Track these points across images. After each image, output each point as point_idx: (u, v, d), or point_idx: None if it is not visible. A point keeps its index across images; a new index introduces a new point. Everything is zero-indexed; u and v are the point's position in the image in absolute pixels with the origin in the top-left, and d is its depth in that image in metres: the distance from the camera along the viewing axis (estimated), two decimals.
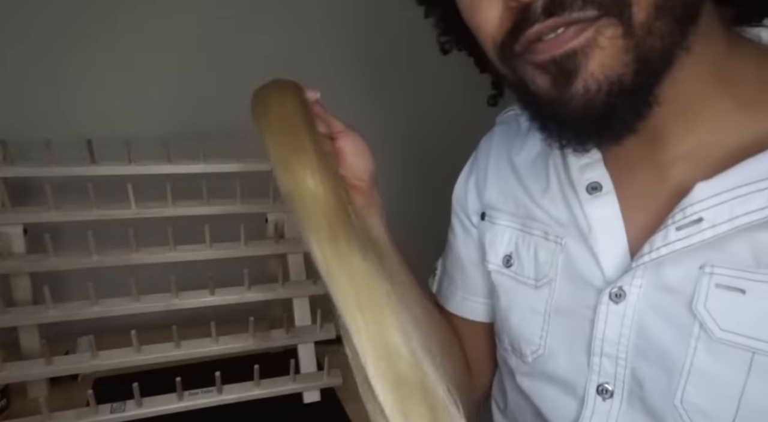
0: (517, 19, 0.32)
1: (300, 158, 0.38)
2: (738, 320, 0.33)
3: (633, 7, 0.30)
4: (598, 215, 0.40)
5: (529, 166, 0.48)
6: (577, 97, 0.32)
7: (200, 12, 0.85)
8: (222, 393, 0.70)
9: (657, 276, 0.36)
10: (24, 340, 0.72)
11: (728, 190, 0.33)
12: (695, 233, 0.34)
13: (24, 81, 0.80)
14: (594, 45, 0.31)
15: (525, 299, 0.46)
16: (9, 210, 0.70)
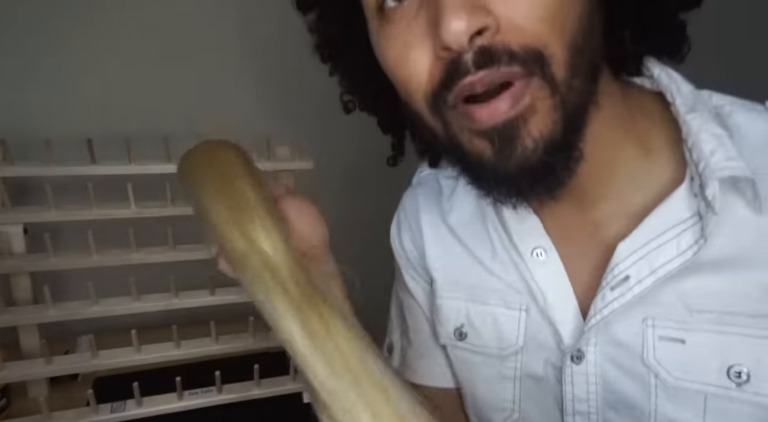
0: (449, 70, 0.33)
1: (251, 217, 0.33)
2: (685, 368, 0.36)
3: (552, 66, 0.32)
4: (548, 283, 0.41)
5: (467, 228, 0.47)
6: (515, 157, 0.33)
7: (200, 12, 0.85)
8: (222, 393, 0.70)
9: (608, 334, 0.39)
10: (24, 340, 0.72)
11: (643, 245, 0.36)
12: (626, 291, 0.37)
13: (24, 81, 0.80)
14: (532, 111, 0.32)
15: (490, 368, 0.46)
16: (9, 209, 0.70)
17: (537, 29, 0.31)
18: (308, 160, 0.81)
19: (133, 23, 0.83)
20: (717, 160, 0.34)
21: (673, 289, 0.36)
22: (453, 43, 0.31)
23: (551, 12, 0.31)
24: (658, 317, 0.37)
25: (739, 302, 0.35)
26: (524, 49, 0.31)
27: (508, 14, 0.31)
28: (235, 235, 0.33)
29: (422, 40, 0.33)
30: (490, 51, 0.31)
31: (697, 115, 0.36)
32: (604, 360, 0.39)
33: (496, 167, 0.34)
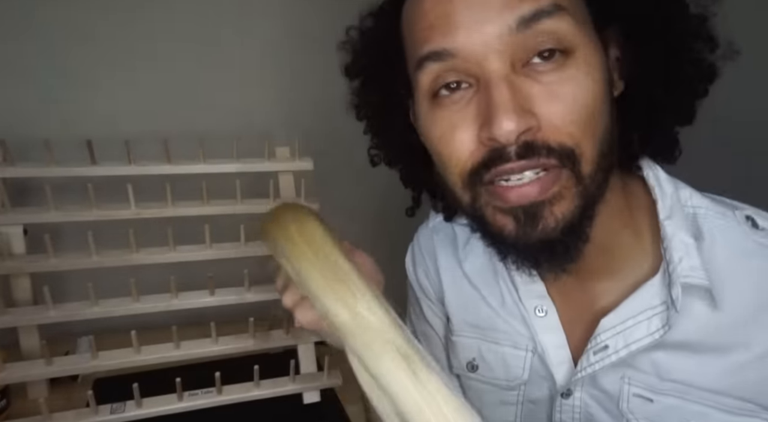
0: (492, 155, 0.38)
1: (348, 287, 0.39)
2: (649, 418, 0.45)
3: (582, 162, 0.38)
4: (546, 336, 0.49)
5: (480, 276, 0.54)
6: (536, 233, 0.39)
7: (200, 12, 0.85)
8: (222, 394, 0.70)
9: (592, 382, 0.47)
10: (24, 341, 0.72)
11: (621, 322, 0.44)
12: (605, 357, 0.45)
13: (24, 81, 0.80)
14: (559, 197, 0.39)
15: (497, 396, 0.53)
16: (9, 210, 0.70)
17: (572, 131, 0.38)
18: (308, 160, 0.81)
19: (128, 27, 0.83)
20: (683, 268, 0.42)
21: (648, 359, 0.45)
22: (502, 138, 0.37)
23: (585, 119, 0.38)
24: (633, 378, 0.45)
25: (697, 378, 0.43)
26: (560, 146, 0.38)
27: (550, 117, 0.37)
28: (338, 307, 0.39)
29: (468, 126, 0.39)
30: (532, 145, 0.37)
31: (672, 222, 0.44)
32: (588, 398, 0.48)
33: (517, 240, 0.40)
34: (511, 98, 0.37)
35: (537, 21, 0.37)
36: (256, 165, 0.79)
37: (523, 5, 0.37)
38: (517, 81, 0.38)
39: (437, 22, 0.39)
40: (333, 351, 0.81)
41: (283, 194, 0.82)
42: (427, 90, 0.41)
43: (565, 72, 0.38)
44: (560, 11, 0.37)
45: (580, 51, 0.38)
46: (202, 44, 0.87)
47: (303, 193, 0.79)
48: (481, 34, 0.37)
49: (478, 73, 0.38)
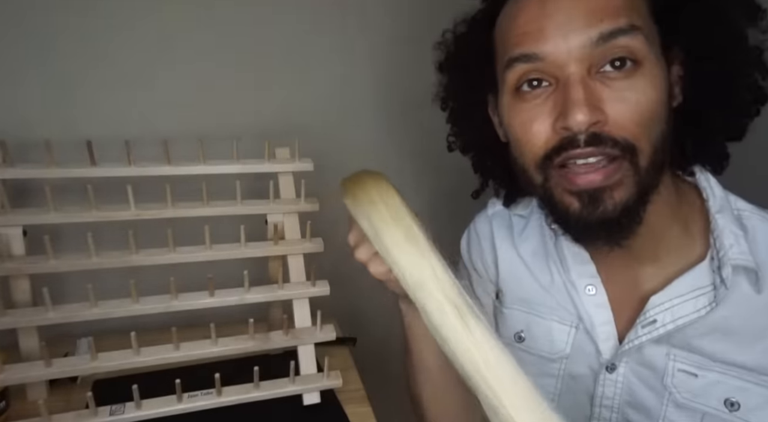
0: (563, 142, 0.46)
1: (418, 247, 0.47)
2: (693, 392, 0.50)
3: (640, 156, 0.45)
4: (595, 312, 0.55)
5: (533, 259, 0.62)
6: (597, 213, 0.46)
7: (200, 12, 0.85)
8: (221, 395, 0.70)
9: (638, 356, 0.53)
10: (23, 342, 0.71)
11: (669, 300, 0.50)
12: (653, 330, 0.51)
13: (23, 82, 0.80)
14: (619, 183, 0.46)
15: (539, 367, 0.59)
16: (8, 211, 0.70)
17: (633, 129, 0.45)
18: (308, 160, 0.81)
19: (128, 28, 0.83)
20: (733, 252, 0.48)
21: (692, 338, 0.50)
22: (575, 127, 0.44)
23: (645, 121, 0.45)
24: (678, 355, 0.51)
25: (739, 356, 0.49)
26: (624, 140, 0.45)
27: (616, 115, 0.44)
28: (408, 263, 0.47)
29: (546, 118, 0.47)
30: (599, 137, 0.44)
31: (723, 216, 0.50)
32: (631, 374, 0.54)
33: (580, 218, 0.47)
34: (585, 96, 0.44)
35: (614, 38, 0.44)
36: (256, 166, 0.79)
37: (603, 23, 0.44)
38: (591, 84, 0.45)
39: (530, 31, 0.47)
40: (333, 352, 0.81)
41: (283, 195, 0.82)
42: (512, 85, 0.49)
43: (633, 80, 0.45)
44: (635, 30, 0.44)
45: (647, 64, 0.45)
46: (201, 45, 0.87)
47: (303, 193, 0.79)
48: (567, 44, 0.45)
49: (558, 74, 0.46)
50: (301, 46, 0.93)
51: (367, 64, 0.97)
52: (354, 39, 0.95)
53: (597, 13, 0.44)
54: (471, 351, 0.43)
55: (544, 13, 0.46)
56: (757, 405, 0.48)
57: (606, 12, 0.44)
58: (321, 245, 0.80)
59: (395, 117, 1.03)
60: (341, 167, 1.01)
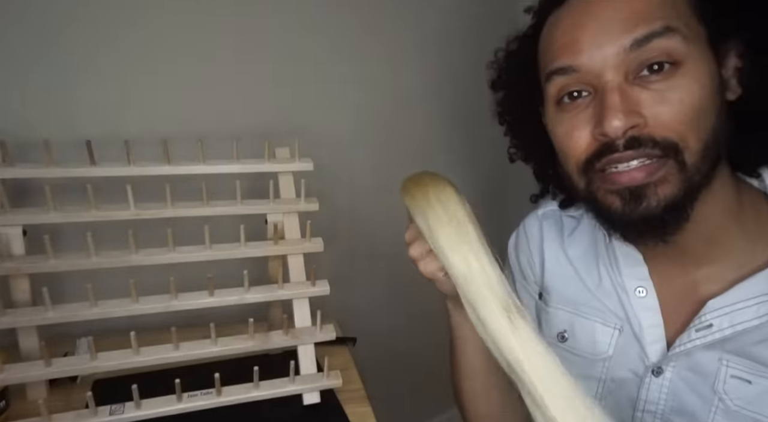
0: (602, 148, 0.46)
1: (471, 248, 0.48)
2: (745, 400, 0.48)
3: (685, 154, 0.44)
4: (644, 314, 0.54)
5: (581, 260, 0.61)
6: (639, 210, 0.46)
7: (200, 12, 0.85)
8: (221, 395, 0.70)
9: (687, 361, 0.51)
10: (23, 342, 0.71)
11: (729, 305, 0.49)
12: (708, 334, 0.49)
13: (23, 81, 0.80)
14: (663, 180, 0.45)
15: (581, 368, 0.59)
16: (8, 211, 0.70)
17: (677, 128, 0.44)
18: (308, 160, 0.81)
19: (132, 25, 0.83)
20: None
21: (749, 345, 0.48)
22: (611, 133, 0.45)
23: (690, 117, 0.44)
24: (732, 360, 0.49)
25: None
26: (664, 140, 0.44)
27: (656, 115, 0.44)
28: (461, 263, 0.48)
29: (585, 125, 0.48)
30: (638, 139, 0.44)
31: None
32: (678, 379, 0.52)
33: (622, 215, 0.47)
34: (621, 102, 0.44)
35: (649, 41, 0.44)
36: (256, 165, 0.79)
37: (638, 29, 0.44)
38: (629, 89, 0.45)
39: (566, 44, 0.48)
40: (333, 352, 0.81)
41: (283, 194, 0.82)
42: (554, 97, 0.50)
43: (674, 81, 0.44)
44: (670, 31, 0.44)
45: (689, 63, 0.44)
46: (201, 45, 0.87)
47: (303, 193, 0.79)
48: (601, 53, 0.45)
49: (596, 83, 0.46)
50: (301, 46, 0.93)
51: (367, 64, 0.97)
52: (354, 39, 0.95)
53: (631, 20, 0.44)
54: (516, 350, 0.43)
55: (578, 24, 0.47)
56: None
57: (640, 17, 0.44)
58: (321, 245, 0.80)
59: (395, 116, 1.03)
60: (341, 167, 1.02)
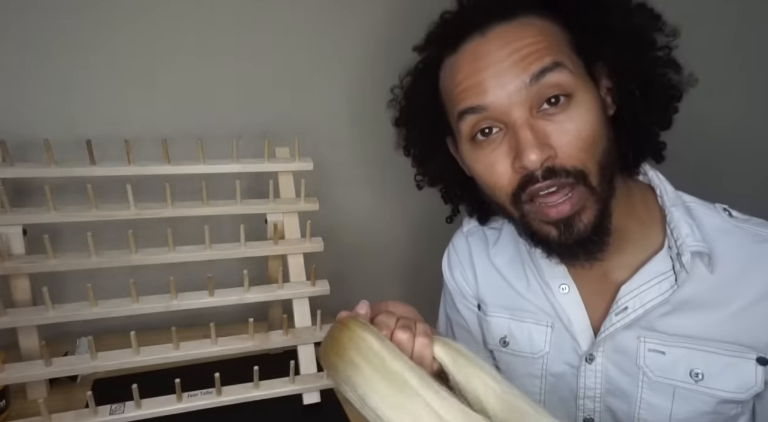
0: (524, 180, 0.52)
1: (409, 392, 0.44)
2: (663, 369, 0.56)
3: (590, 178, 0.51)
4: (570, 309, 0.61)
5: (509, 267, 0.68)
6: (573, 236, 0.52)
7: (200, 12, 0.85)
8: (221, 395, 0.70)
9: (613, 344, 0.59)
10: (23, 341, 0.71)
11: (637, 287, 0.57)
12: (625, 316, 0.57)
13: (23, 81, 0.80)
14: (583, 207, 0.52)
15: (524, 367, 0.65)
16: (8, 211, 0.70)
17: (580, 156, 0.51)
18: (308, 160, 0.81)
19: (132, 25, 0.83)
20: (690, 240, 0.55)
21: (658, 319, 0.57)
22: (530, 165, 0.50)
23: (588, 144, 0.51)
24: (648, 336, 0.57)
25: (699, 330, 0.55)
26: (573, 168, 0.51)
27: (563, 147, 0.50)
28: (402, 414, 0.43)
29: (504, 159, 0.53)
30: (553, 169, 0.50)
31: (677, 209, 0.57)
32: (608, 362, 0.59)
33: (559, 242, 0.53)
34: (534, 137, 0.50)
35: (543, 75, 0.50)
36: (256, 165, 0.79)
37: (532, 66, 0.50)
38: (536, 123, 0.50)
39: (471, 87, 0.52)
40: None
41: (283, 194, 0.82)
42: (467, 135, 0.55)
43: (569, 112, 0.50)
44: (559, 66, 0.50)
45: (578, 93, 0.51)
46: (201, 45, 0.87)
47: (303, 193, 0.79)
48: (505, 91, 0.51)
49: (505, 120, 0.51)
50: (302, 46, 0.93)
51: (367, 64, 0.97)
52: (354, 39, 0.95)
53: (525, 59, 0.50)
54: None
55: (478, 69, 0.52)
56: (719, 372, 0.54)
57: (532, 56, 0.50)
58: (321, 245, 0.80)
59: None
60: (341, 167, 1.02)
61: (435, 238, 1.14)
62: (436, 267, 0.78)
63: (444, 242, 0.78)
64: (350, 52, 0.96)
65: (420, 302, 1.22)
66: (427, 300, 1.18)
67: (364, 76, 0.98)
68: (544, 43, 0.51)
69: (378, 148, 1.03)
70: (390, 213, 1.09)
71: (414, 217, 1.11)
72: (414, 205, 1.10)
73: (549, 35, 0.52)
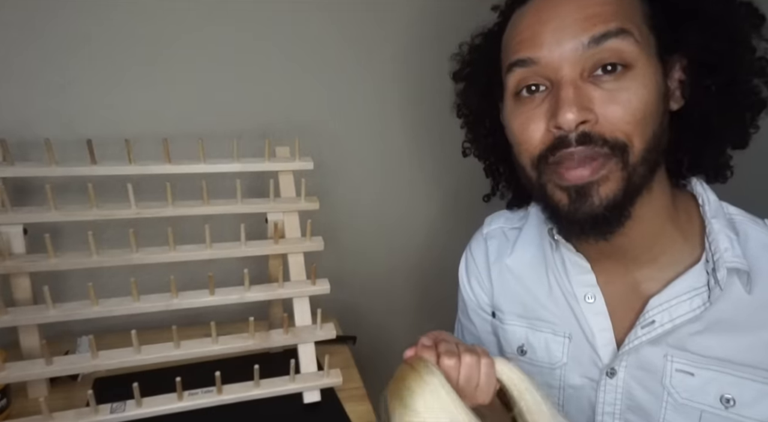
0: (556, 141, 0.48)
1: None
2: (690, 392, 0.52)
3: (630, 154, 0.47)
4: (594, 319, 0.57)
5: (528, 269, 0.63)
6: (584, 209, 0.48)
7: (200, 11, 0.85)
8: (222, 393, 0.70)
9: (636, 359, 0.54)
10: (24, 340, 0.72)
11: (667, 301, 0.52)
12: (652, 330, 0.53)
13: (24, 81, 0.80)
14: (605, 179, 0.48)
15: (542, 378, 0.61)
16: (9, 210, 0.70)
17: (625, 128, 0.47)
18: (308, 160, 0.81)
19: (132, 25, 0.83)
20: (728, 255, 0.50)
21: (688, 338, 0.52)
22: (564, 125, 0.47)
23: (637, 118, 0.47)
24: (676, 355, 0.53)
25: (732, 353, 0.50)
26: (614, 139, 0.47)
27: (607, 114, 0.46)
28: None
29: (540, 118, 0.50)
30: (589, 135, 0.47)
31: (718, 220, 0.52)
32: (630, 378, 0.55)
33: (568, 213, 0.50)
34: (575, 96, 0.46)
35: (605, 40, 0.46)
36: (256, 165, 0.79)
37: (595, 28, 0.46)
38: (583, 86, 0.47)
39: (528, 38, 0.49)
40: (333, 350, 0.81)
41: (284, 193, 0.82)
42: (512, 90, 0.52)
43: (624, 82, 0.47)
44: (624, 33, 0.47)
45: (639, 66, 0.47)
46: (202, 44, 0.87)
47: (303, 192, 0.79)
48: (560, 48, 0.47)
49: (553, 77, 0.48)
50: (302, 46, 0.93)
51: (367, 64, 0.97)
52: (354, 39, 0.95)
53: (589, 19, 0.47)
54: None
55: (540, 20, 0.49)
56: (752, 400, 0.50)
57: (598, 18, 0.47)
58: (321, 244, 0.80)
59: (395, 116, 1.03)
60: (341, 166, 1.02)
61: (436, 237, 1.14)
62: (437, 266, 0.78)
63: (444, 242, 0.78)
64: (350, 52, 0.96)
65: (420, 302, 1.23)
66: (428, 299, 1.18)
67: (365, 76, 0.98)
68: (614, 6, 0.47)
69: (378, 146, 1.03)
70: (390, 212, 1.09)
71: (415, 216, 1.11)
72: (414, 205, 1.10)
73: (624, 1, 0.48)
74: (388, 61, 0.99)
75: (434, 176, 1.09)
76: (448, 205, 1.12)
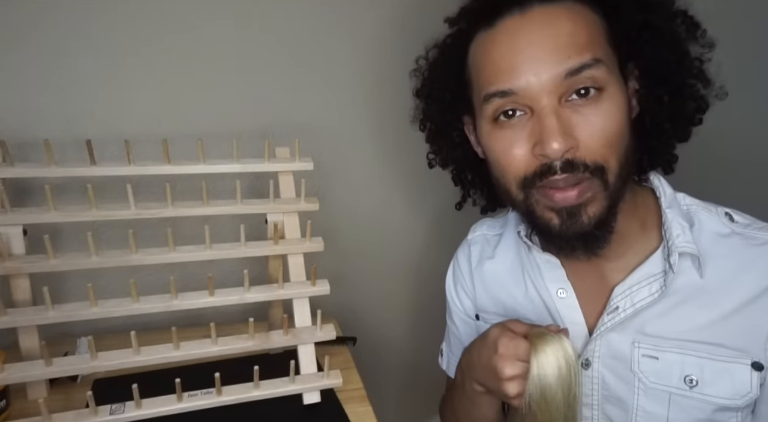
0: (542, 169, 0.51)
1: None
2: (657, 375, 0.56)
3: (608, 174, 0.51)
4: (566, 312, 0.61)
5: (509, 272, 0.68)
6: (575, 228, 0.52)
7: (200, 11, 0.85)
8: (221, 395, 0.70)
9: (608, 349, 0.58)
10: (23, 341, 0.71)
11: (629, 288, 0.57)
12: (615, 316, 0.57)
13: (23, 81, 0.80)
14: (591, 199, 0.51)
15: None
16: (8, 211, 0.70)
17: (603, 152, 0.50)
18: (308, 160, 0.81)
19: (131, 24, 0.83)
20: (679, 241, 0.55)
21: (650, 322, 0.56)
22: (552, 154, 0.49)
23: (612, 142, 0.50)
24: (642, 341, 0.57)
25: (689, 334, 0.55)
26: (593, 163, 0.50)
27: (586, 140, 0.50)
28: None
29: (523, 143, 0.52)
30: (573, 162, 0.50)
31: (671, 210, 0.57)
32: (604, 368, 0.59)
33: (560, 232, 0.53)
34: (559, 126, 0.49)
35: (581, 72, 0.49)
36: (256, 165, 0.79)
37: (571, 60, 0.49)
38: (563, 112, 0.50)
39: (504, 70, 0.51)
40: (333, 351, 0.80)
41: (283, 194, 0.82)
42: (490, 116, 0.54)
43: (598, 106, 0.50)
44: (598, 63, 0.49)
45: (610, 89, 0.50)
46: (201, 44, 0.87)
47: (303, 193, 0.79)
48: (538, 79, 0.49)
49: (533, 105, 0.51)
50: (302, 46, 0.93)
51: (368, 64, 0.97)
52: (355, 39, 0.95)
53: (564, 50, 0.49)
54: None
55: (513, 49, 0.50)
56: (712, 379, 0.54)
57: (572, 49, 0.49)
58: (321, 244, 0.80)
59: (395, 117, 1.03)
60: (342, 166, 1.02)
61: (435, 237, 1.14)
62: (436, 267, 0.78)
63: (444, 241, 0.78)
64: (351, 52, 0.96)
65: (420, 302, 1.22)
66: (428, 300, 1.18)
67: (365, 76, 0.98)
68: (585, 35, 0.50)
69: (378, 147, 1.03)
70: (390, 213, 1.09)
71: (414, 217, 1.11)
72: (414, 205, 1.10)
73: (590, 26, 0.51)
74: (389, 62, 0.98)
75: (434, 176, 1.09)
76: (448, 205, 1.12)
